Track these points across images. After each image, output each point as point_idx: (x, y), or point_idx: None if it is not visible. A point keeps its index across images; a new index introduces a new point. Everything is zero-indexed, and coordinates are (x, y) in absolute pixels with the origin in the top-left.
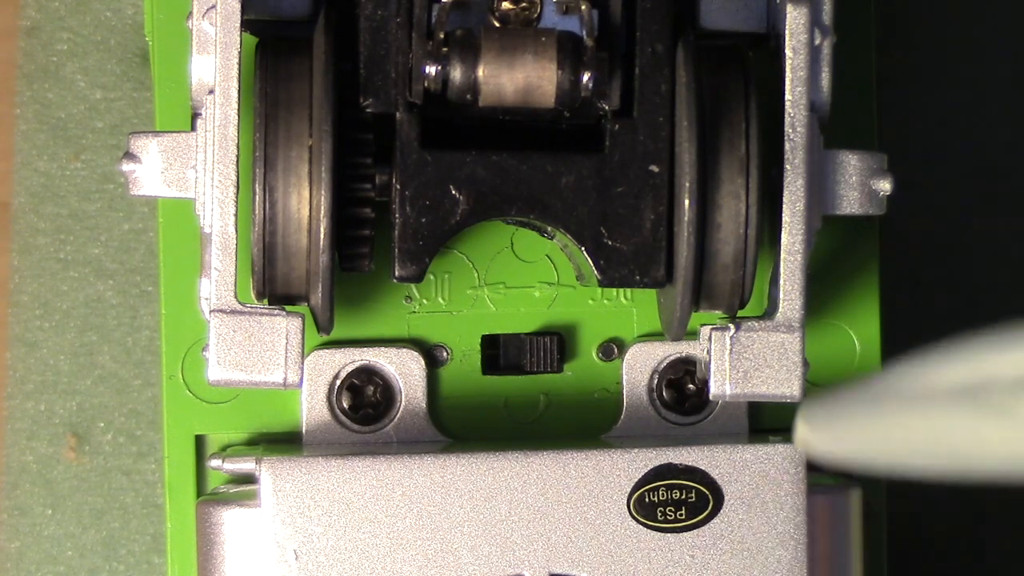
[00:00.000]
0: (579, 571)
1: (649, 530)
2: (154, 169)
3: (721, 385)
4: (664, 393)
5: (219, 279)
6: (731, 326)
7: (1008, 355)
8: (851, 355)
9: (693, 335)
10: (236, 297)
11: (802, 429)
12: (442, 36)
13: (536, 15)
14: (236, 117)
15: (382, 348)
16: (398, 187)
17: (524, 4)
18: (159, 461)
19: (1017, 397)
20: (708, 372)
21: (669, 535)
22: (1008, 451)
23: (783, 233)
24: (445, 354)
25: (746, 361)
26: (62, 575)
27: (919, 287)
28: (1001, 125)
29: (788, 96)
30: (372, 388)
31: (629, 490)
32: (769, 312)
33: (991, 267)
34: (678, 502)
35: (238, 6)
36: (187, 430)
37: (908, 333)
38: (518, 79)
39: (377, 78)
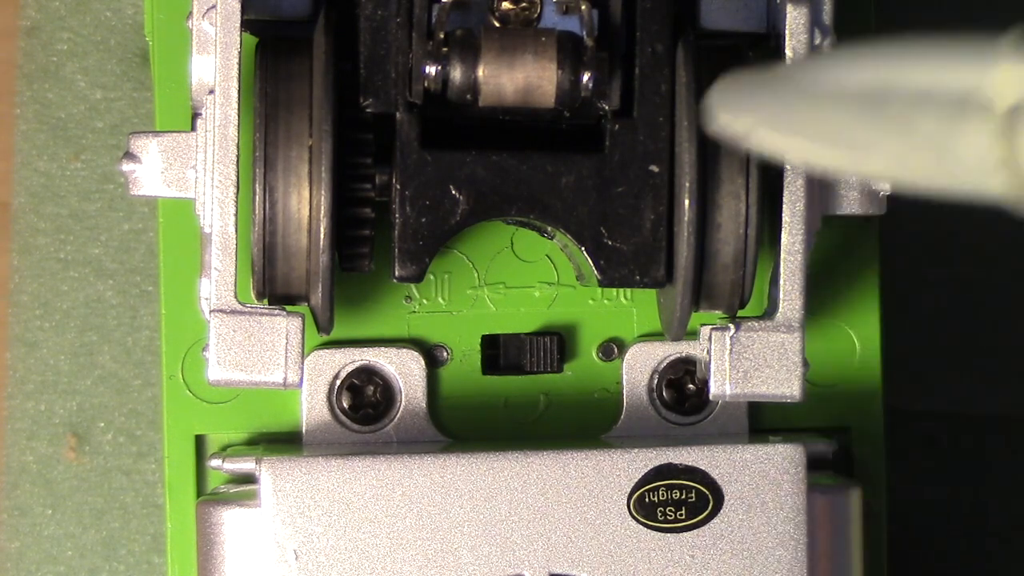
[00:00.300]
0: (579, 571)
1: (649, 530)
2: (154, 169)
3: (721, 385)
4: (664, 393)
5: (219, 279)
6: (731, 326)
7: (916, 65)
8: (851, 355)
9: (693, 335)
10: (236, 297)
11: (715, 104)
12: (442, 36)
13: (536, 15)
14: (236, 117)
15: (382, 348)
16: (398, 187)
17: (524, 4)
18: (159, 461)
19: (915, 111)
20: (708, 372)
21: (669, 535)
22: (896, 163)
23: (783, 233)
24: (445, 354)
25: (746, 361)
26: (62, 575)
27: (919, 287)
28: None
29: None
30: (372, 388)
31: (629, 490)
32: (769, 312)
33: (991, 267)
34: (678, 502)
35: (238, 6)
36: (187, 430)
37: (908, 333)
38: (518, 79)
39: (377, 78)
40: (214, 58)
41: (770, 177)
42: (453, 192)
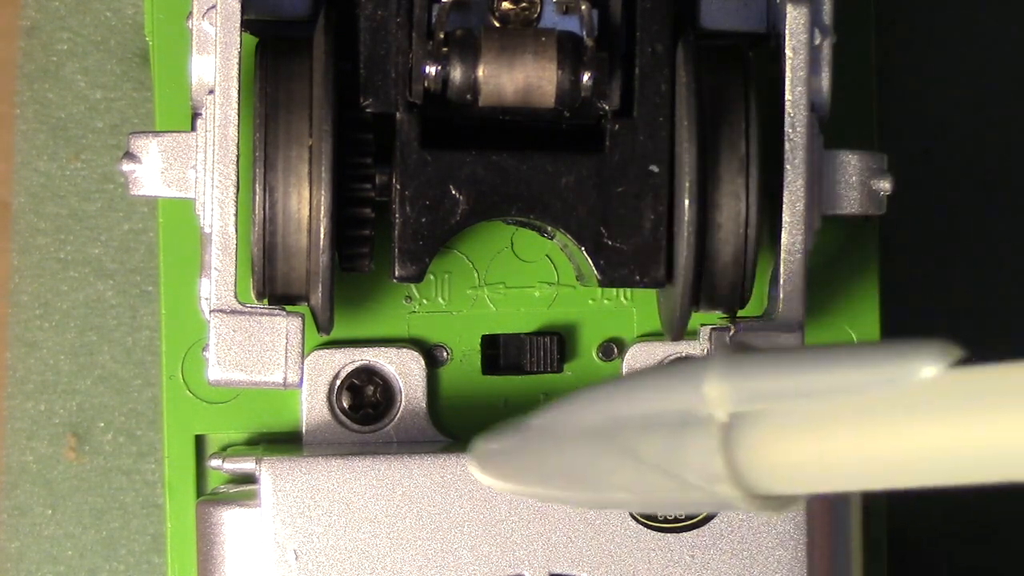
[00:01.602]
0: (579, 571)
1: (649, 530)
2: (154, 169)
3: None
4: None
5: (219, 279)
6: (731, 326)
7: (639, 395)
8: None
9: (693, 335)
10: (236, 297)
11: (472, 464)
12: (442, 36)
13: (536, 15)
14: (236, 117)
15: (382, 348)
16: (398, 187)
17: (524, 4)
18: (159, 461)
19: (640, 437)
20: None
21: (669, 535)
22: (634, 491)
23: (783, 233)
24: (445, 354)
25: None
26: (62, 575)
27: (919, 287)
28: (1001, 125)
29: (788, 96)
30: (372, 388)
31: None
32: (769, 312)
33: (991, 267)
34: None
35: (238, 6)
36: (187, 430)
37: (908, 333)
38: (518, 79)
39: (377, 78)
40: (214, 58)
41: (770, 177)
42: (453, 192)
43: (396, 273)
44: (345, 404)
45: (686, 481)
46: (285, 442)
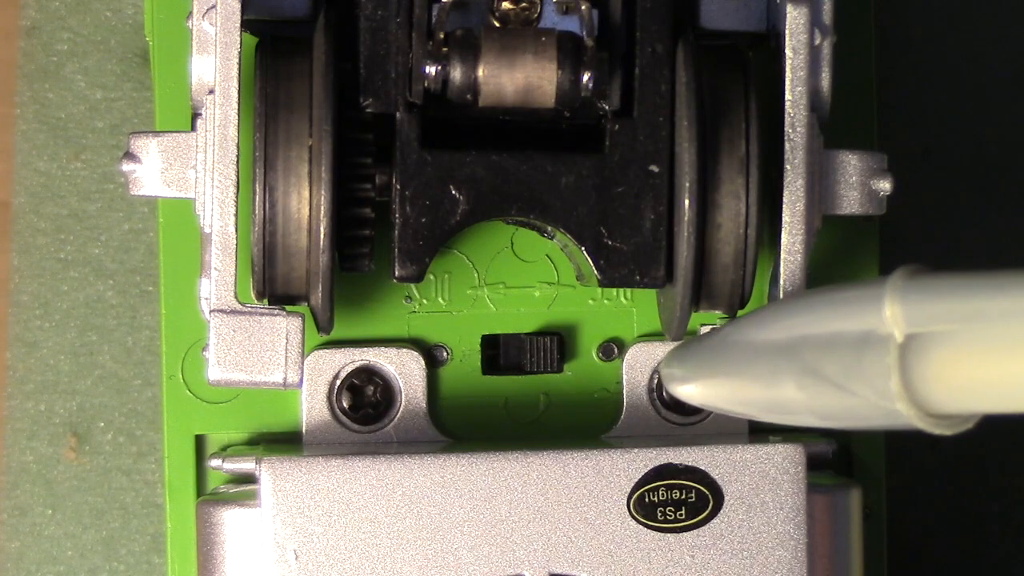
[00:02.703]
0: (579, 571)
1: (649, 530)
2: (154, 169)
3: None
4: (664, 393)
5: (219, 279)
6: None
7: (823, 315)
8: None
9: (693, 335)
10: (236, 297)
11: (664, 372)
12: (442, 36)
13: (536, 15)
14: (236, 117)
15: (382, 348)
16: (398, 187)
17: (524, 4)
18: (159, 461)
19: (821, 354)
20: None
21: (669, 535)
22: (812, 406)
23: (783, 233)
24: (445, 354)
25: None
26: (62, 575)
27: None
28: (1001, 125)
29: (788, 96)
30: (372, 388)
31: (629, 490)
32: None
33: (991, 267)
34: (678, 502)
35: (238, 6)
36: (187, 430)
37: None
38: (518, 79)
39: (377, 78)
40: (214, 58)
41: (770, 177)
42: (453, 192)
43: (396, 273)
44: (345, 404)
45: (864, 397)
46: (285, 442)
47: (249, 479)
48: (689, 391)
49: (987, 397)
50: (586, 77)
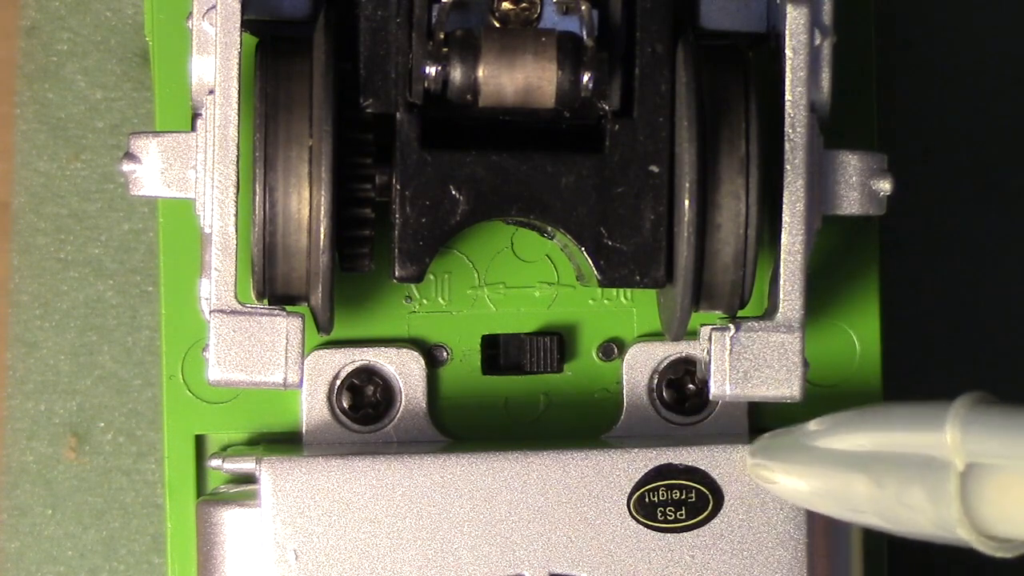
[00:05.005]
0: (579, 571)
1: (649, 530)
2: (154, 169)
3: (721, 385)
4: (664, 393)
5: (219, 279)
6: (731, 326)
7: (894, 432)
8: (851, 355)
9: (693, 335)
10: (236, 297)
11: (752, 465)
12: (442, 36)
13: (536, 15)
14: (236, 117)
15: (382, 348)
16: (398, 187)
17: (524, 4)
18: (159, 461)
19: (888, 471)
20: (708, 372)
21: (669, 535)
22: (881, 515)
23: (783, 233)
24: (445, 354)
25: (746, 361)
26: (62, 575)
27: (919, 287)
28: (1001, 125)
29: (788, 96)
30: (372, 388)
31: (629, 490)
32: (769, 312)
33: (991, 267)
34: (678, 502)
35: (238, 6)
36: (187, 430)
37: (908, 333)
38: (518, 79)
39: (377, 78)
40: (214, 58)
41: (770, 177)
42: (453, 192)
43: (396, 273)
44: (345, 404)
45: (926, 516)
46: (285, 442)
47: (249, 479)
48: (775, 483)
49: None
50: (586, 77)
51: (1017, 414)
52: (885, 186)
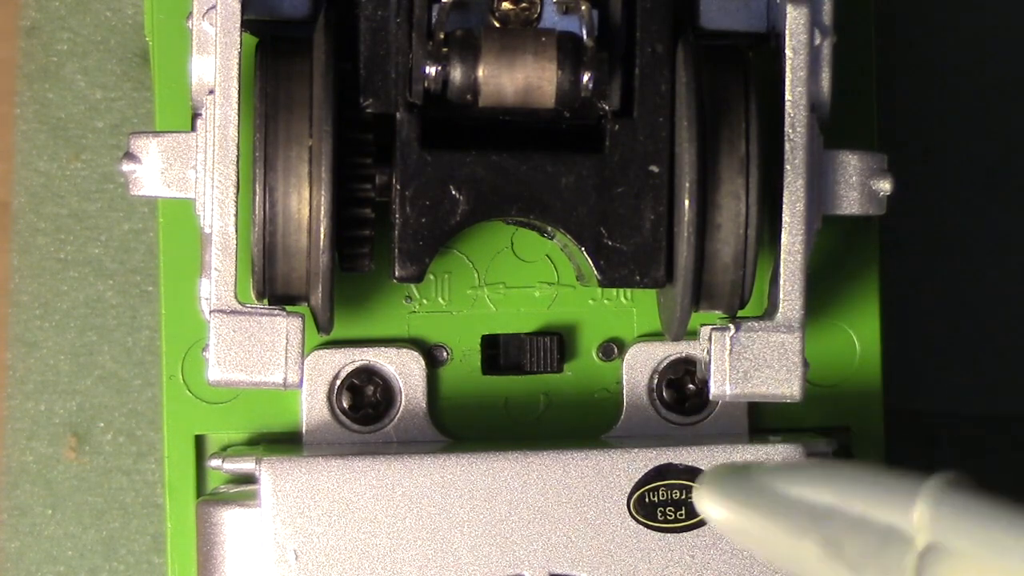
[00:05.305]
0: (579, 571)
1: (649, 530)
2: (154, 169)
3: (721, 385)
4: (664, 393)
5: (219, 279)
6: (731, 326)
7: (858, 492)
8: (851, 355)
9: (693, 335)
10: (236, 297)
11: (697, 493)
12: (442, 36)
13: (536, 15)
14: (236, 117)
15: (382, 348)
16: (398, 187)
17: (524, 4)
18: (159, 461)
19: (848, 533)
20: (708, 372)
21: (669, 535)
22: (823, 573)
23: (783, 233)
24: (445, 354)
25: (746, 361)
26: (62, 575)
27: (919, 287)
28: (1001, 124)
29: (788, 96)
30: (372, 388)
31: (629, 490)
32: (769, 312)
33: (991, 267)
34: (678, 502)
35: (238, 6)
36: (187, 430)
37: (908, 333)
38: (518, 79)
39: (377, 78)
40: (214, 58)
41: (770, 177)
42: (453, 192)
43: (396, 273)
44: (345, 404)
45: None
46: (285, 442)
47: (249, 479)
48: (718, 516)
49: None
50: (586, 77)
51: (990, 502)
52: (885, 186)
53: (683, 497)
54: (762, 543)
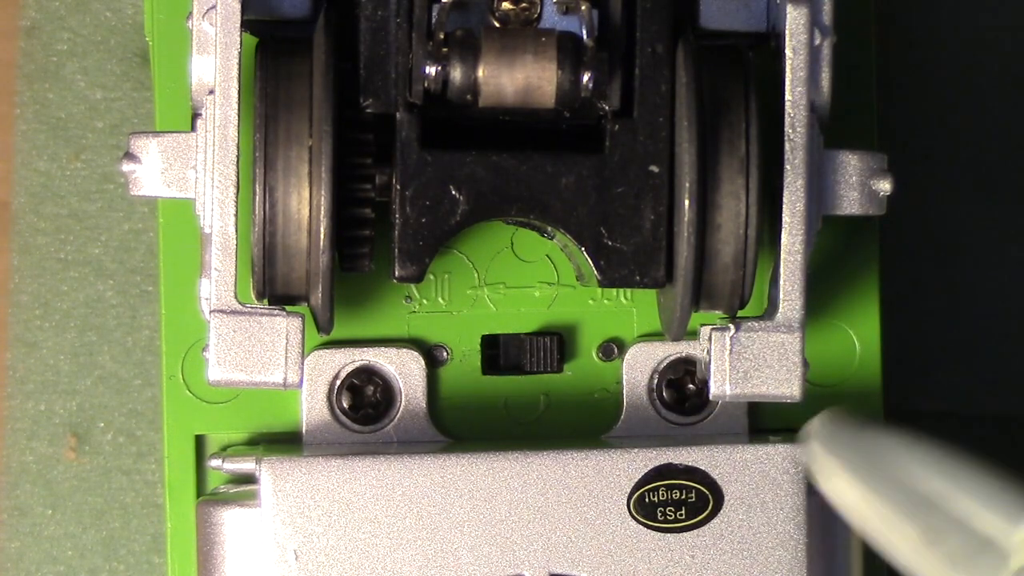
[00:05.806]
0: (579, 571)
1: (649, 530)
2: (154, 169)
3: (721, 385)
4: (664, 393)
5: (219, 279)
6: (731, 326)
7: (966, 494)
8: (851, 355)
9: (693, 335)
10: (236, 297)
11: (810, 449)
12: (442, 36)
13: (536, 15)
14: (236, 117)
15: (382, 348)
16: (398, 187)
17: (524, 4)
18: (159, 461)
19: (949, 530)
20: (708, 372)
21: (669, 535)
22: (920, 560)
23: (783, 233)
24: (445, 354)
25: (746, 361)
26: (62, 575)
27: (919, 287)
28: (1001, 125)
29: (788, 96)
30: (372, 388)
31: (629, 490)
32: (769, 312)
33: (991, 267)
34: (678, 502)
35: (238, 6)
36: (187, 430)
37: (908, 333)
38: (518, 79)
39: (377, 78)
40: (214, 58)
41: (770, 177)
42: (453, 192)
43: (396, 273)
44: (345, 404)
45: None
46: (285, 442)
47: (249, 479)
48: (831, 487)
49: None
50: (586, 77)
51: None
52: (885, 186)
53: (683, 497)
54: (864, 517)
